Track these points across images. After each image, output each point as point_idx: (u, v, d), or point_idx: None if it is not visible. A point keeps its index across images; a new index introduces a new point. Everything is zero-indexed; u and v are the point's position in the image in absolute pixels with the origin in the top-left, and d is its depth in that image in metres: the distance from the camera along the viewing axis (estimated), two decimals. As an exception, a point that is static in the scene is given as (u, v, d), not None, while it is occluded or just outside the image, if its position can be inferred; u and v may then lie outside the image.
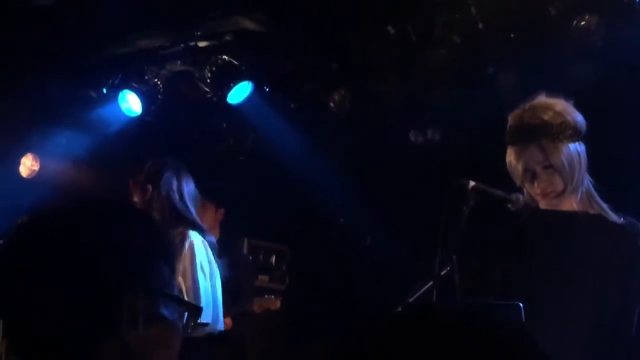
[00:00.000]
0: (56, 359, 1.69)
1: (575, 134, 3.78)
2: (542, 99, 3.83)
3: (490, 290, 3.78)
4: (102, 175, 7.94)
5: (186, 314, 1.83)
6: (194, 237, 5.46)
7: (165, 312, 1.76)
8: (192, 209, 5.64)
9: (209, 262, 5.51)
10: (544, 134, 3.73)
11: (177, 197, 5.58)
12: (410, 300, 4.03)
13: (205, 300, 5.42)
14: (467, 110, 6.80)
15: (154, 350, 1.75)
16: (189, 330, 1.82)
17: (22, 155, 8.17)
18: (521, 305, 3.29)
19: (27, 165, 8.19)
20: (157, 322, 1.75)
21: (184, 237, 5.42)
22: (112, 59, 7.44)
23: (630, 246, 3.72)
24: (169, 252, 1.86)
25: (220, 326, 5.54)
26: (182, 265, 5.34)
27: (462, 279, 3.76)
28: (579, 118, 3.81)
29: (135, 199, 5.64)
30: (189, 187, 5.69)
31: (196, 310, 1.87)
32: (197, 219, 5.65)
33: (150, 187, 5.60)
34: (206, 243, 5.54)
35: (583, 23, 5.95)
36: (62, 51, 6.83)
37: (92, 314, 1.70)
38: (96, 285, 1.71)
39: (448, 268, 3.75)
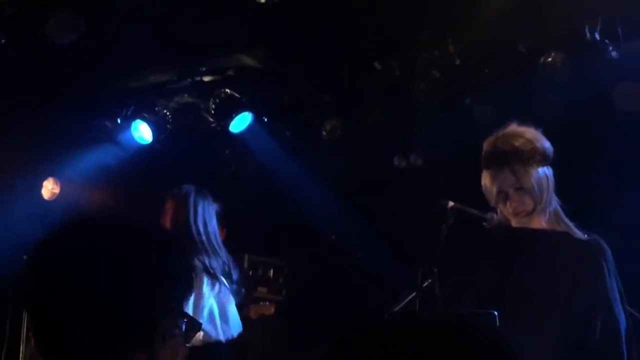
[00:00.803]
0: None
1: (543, 159, 3.81)
2: (513, 127, 3.86)
3: (467, 300, 3.79)
4: (117, 198, 7.92)
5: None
6: None
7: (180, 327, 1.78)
8: (210, 231, 5.61)
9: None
10: (516, 159, 3.76)
11: (197, 219, 5.57)
12: (396, 309, 4.05)
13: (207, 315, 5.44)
14: (446, 137, 6.81)
15: None
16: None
17: (44, 179, 8.16)
18: (496, 313, 3.30)
19: (49, 188, 8.17)
20: (172, 337, 1.76)
21: None
22: (125, 92, 7.43)
23: (593, 261, 3.73)
24: (191, 276, 1.87)
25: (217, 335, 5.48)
26: None
27: (442, 289, 3.78)
28: (547, 145, 3.83)
29: (166, 221, 5.60)
30: (210, 209, 5.67)
31: (197, 324, 1.86)
32: (211, 242, 5.59)
33: (176, 209, 5.60)
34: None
35: (550, 59, 6.01)
36: (80, 84, 6.83)
37: (130, 332, 1.70)
38: (135, 305, 1.69)
39: (429, 280, 3.76)
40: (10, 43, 5.93)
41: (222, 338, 5.46)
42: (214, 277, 5.49)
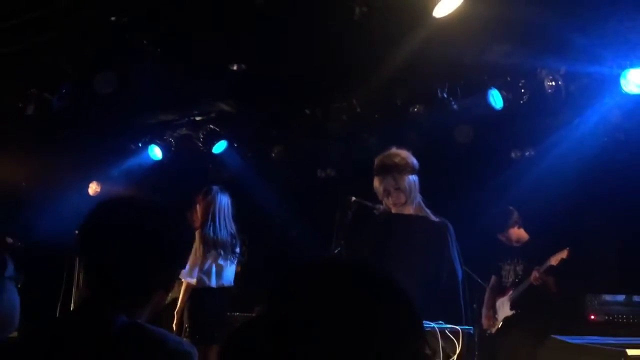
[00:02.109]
0: (123, 297, 1.61)
1: (412, 170, 3.84)
2: (393, 150, 3.89)
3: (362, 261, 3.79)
4: (139, 194, 7.85)
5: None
6: None
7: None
8: (225, 216, 5.53)
9: None
10: (395, 170, 3.79)
11: (217, 208, 5.49)
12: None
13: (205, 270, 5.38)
14: (351, 157, 6.85)
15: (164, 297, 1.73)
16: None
17: (90, 182, 8.03)
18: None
19: (93, 188, 8.04)
20: None
21: None
22: (144, 125, 7.36)
23: (441, 235, 3.78)
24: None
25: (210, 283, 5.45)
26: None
27: (346, 254, 3.74)
28: (414, 161, 3.86)
29: (200, 207, 5.52)
30: (227, 202, 5.58)
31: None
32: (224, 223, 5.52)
33: (202, 202, 5.53)
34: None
35: (416, 109, 6.08)
36: (114, 120, 6.75)
37: (156, 276, 1.65)
38: (162, 258, 1.64)
39: (339, 248, 3.74)
40: (68, 92, 5.83)
41: (214, 285, 5.41)
42: (218, 247, 5.43)
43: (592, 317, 5.57)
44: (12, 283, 1.83)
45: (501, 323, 5.74)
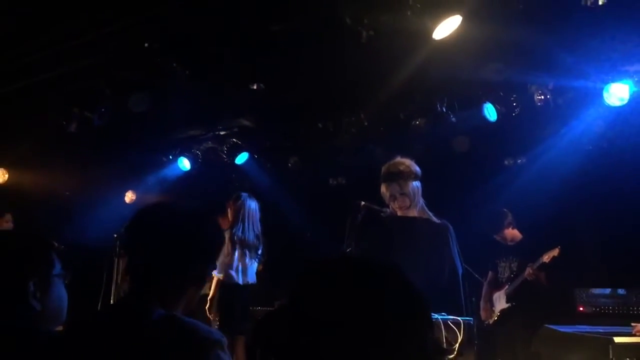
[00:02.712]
0: (160, 292, 1.60)
1: (416, 177, 3.84)
2: (398, 158, 3.89)
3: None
4: (174, 201, 7.86)
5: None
6: None
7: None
8: (253, 220, 5.51)
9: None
10: (400, 176, 3.79)
11: (246, 212, 5.48)
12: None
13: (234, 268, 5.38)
14: (360, 167, 6.83)
15: (198, 291, 1.71)
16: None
17: (126, 190, 8.06)
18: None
19: (129, 196, 8.08)
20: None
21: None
22: (175, 140, 7.38)
23: (443, 235, 3.77)
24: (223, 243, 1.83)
25: (237, 280, 5.45)
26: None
27: (354, 253, 3.76)
28: (417, 169, 3.86)
29: (230, 211, 5.54)
30: (255, 206, 5.58)
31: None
32: (251, 226, 5.51)
33: (232, 206, 5.53)
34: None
35: (418, 122, 6.05)
36: (148, 135, 6.79)
37: (190, 273, 1.65)
38: (196, 257, 1.65)
39: (350, 248, 3.72)
40: (107, 111, 5.87)
41: (240, 282, 5.41)
42: (245, 248, 5.43)
43: (581, 308, 5.54)
44: (60, 280, 1.83)
45: (498, 315, 5.70)
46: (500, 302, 5.72)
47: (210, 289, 5.37)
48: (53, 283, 1.80)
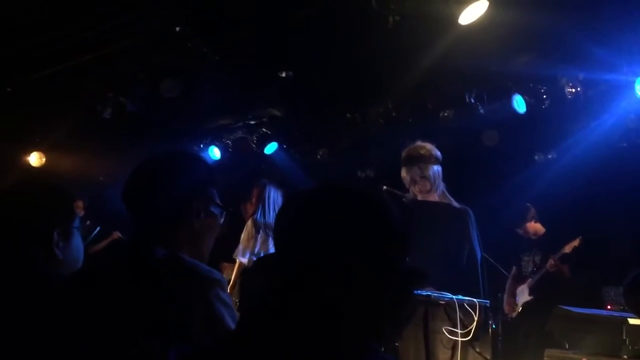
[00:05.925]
0: (158, 232, 1.65)
1: (436, 161, 3.82)
2: (419, 143, 3.88)
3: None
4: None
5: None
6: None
7: (215, 210, 1.76)
8: (275, 205, 5.51)
9: None
10: (421, 160, 3.78)
11: (269, 197, 5.52)
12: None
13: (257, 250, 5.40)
14: (388, 159, 6.79)
15: (206, 232, 1.72)
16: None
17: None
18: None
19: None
20: (210, 216, 1.75)
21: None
22: (206, 129, 7.47)
23: (463, 219, 3.73)
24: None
25: None
26: None
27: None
28: (438, 153, 3.85)
29: (254, 196, 5.60)
30: (278, 192, 5.60)
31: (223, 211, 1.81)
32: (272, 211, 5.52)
33: (254, 193, 5.61)
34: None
35: (446, 114, 6.01)
36: (179, 123, 6.88)
37: (179, 208, 1.69)
38: (183, 194, 1.69)
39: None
40: (140, 96, 5.97)
41: None
42: (268, 230, 5.44)
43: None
44: (77, 232, 1.93)
45: (521, 308, 5.66)
46: (523, 295, 5.68)
47: (233, 273, 5.44)
48: (73, 234, 1.90)
